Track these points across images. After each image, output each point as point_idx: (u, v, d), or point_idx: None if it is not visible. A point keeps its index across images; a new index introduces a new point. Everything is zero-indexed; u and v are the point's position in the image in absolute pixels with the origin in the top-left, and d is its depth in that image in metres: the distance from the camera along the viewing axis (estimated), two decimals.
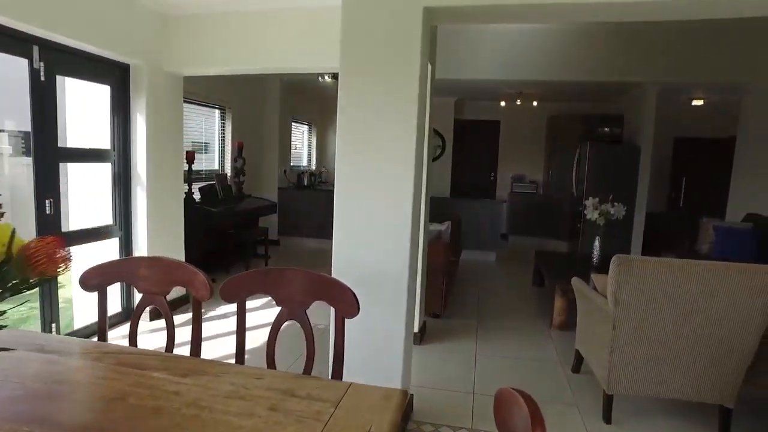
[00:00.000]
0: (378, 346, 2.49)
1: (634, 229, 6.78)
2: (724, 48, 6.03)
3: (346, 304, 1.55)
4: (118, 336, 3.64)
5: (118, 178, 3.83)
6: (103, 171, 3.78)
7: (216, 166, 6.47)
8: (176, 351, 1.62)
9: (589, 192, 6.72)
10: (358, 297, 1.55)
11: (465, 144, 9.30)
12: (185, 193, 4.99)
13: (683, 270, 2.41)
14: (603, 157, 6.76)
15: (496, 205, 6.74)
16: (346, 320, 1.56)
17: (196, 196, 5.37)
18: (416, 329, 3.69)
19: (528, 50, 6.45)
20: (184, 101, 4.45)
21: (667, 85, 6.34)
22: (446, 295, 4.27)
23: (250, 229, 6.03)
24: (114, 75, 3.70)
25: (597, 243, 4.65)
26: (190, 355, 1.63)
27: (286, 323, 1.60)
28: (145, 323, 3.84)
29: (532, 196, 8.52)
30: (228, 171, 6.56)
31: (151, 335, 3.67)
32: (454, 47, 6.57)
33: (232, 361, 1.60)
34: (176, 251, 4.33)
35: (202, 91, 5.76)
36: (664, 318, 2.48)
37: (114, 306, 3.88)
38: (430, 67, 3.34)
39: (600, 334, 2.73)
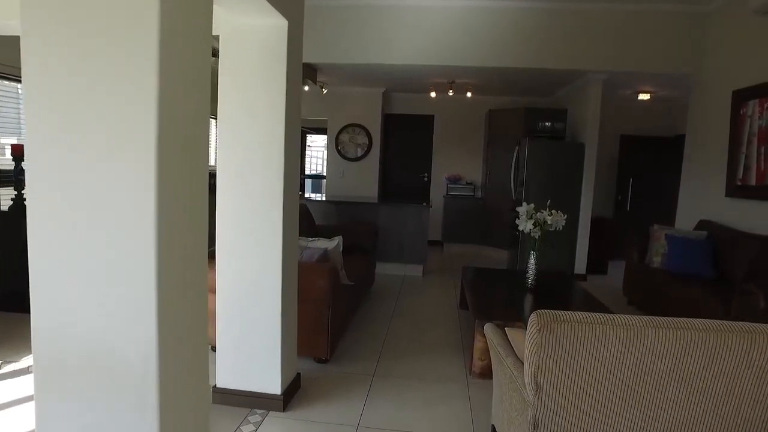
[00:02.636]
0: None
1: (579, 239, 5.95)
2: (672, 37, 5.32)
3: None
4: None
5: None
6: None
7: None
8: None
9: (530, 195, 5.85)
10: None
11: (395, 141, 8.31)
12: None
13: (646, 336, 1.44)
14: (544, 155, 5.90)
15: (424, 210, 5.75)
16: None
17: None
18: (280, 389, 2.61)
19: (457, 33, 5.54)
20: None
21: (613, 74, 5.55)
22: (335, 333, 3.20)
23: None
24: None
25: (532, 260, 3.71)
26: None
27: None
28: None
29: (469, 199, 7.61)
30: None
31: None
32: (376, 29, 5.59)
33: None
34: None
35: None
36: (617, 415, 1.50)
37: None
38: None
39: (519, 423, 1.73)
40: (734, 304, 3.34)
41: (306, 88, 7.06)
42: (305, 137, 10.35)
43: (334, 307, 3.07)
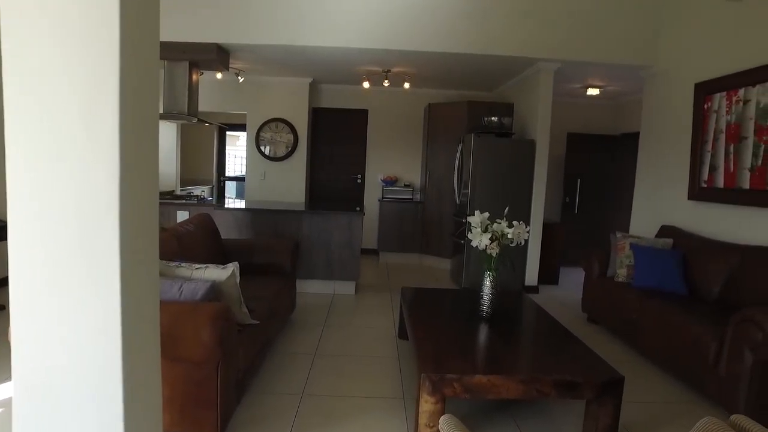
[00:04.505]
0: None
1: (529, 247, 5.35)
2: (629, 24, 4.83)
3: None
4: None
5: None
6: None
7: None
8: None
9: (476, 198, 5.17)
10: None
11: (324, 139, 7.43)
12: None
13: None
14: (491, 153, 5.25)
15: (355, 218, 4.93)
16: None
17: None
18: None
19: (394, 12, 4.78)
20: None
21: (565, 64, 4.99)
22: (228, 400, 2.30)
23: None
24: None
25: (488, 283, 2.97)
26: None
27: None
28: None
29: (408, 203, 6.87)
30: None
31: None
32: (298, 4, 4.74)
33: None
34: None
35: None
36: None
37: None
38: None
39: None
40: (729, 333, 2.76)
41: (219, 75, 6.05)
42: (224, 134, 9.23)
43: (226, 363, 2.16)
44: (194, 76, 5.17)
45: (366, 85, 6.37)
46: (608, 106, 7.14)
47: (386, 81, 6.13)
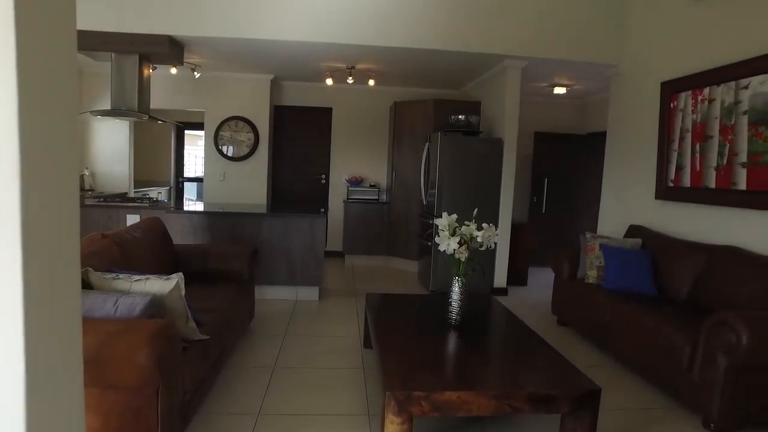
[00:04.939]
0: None
1: (499, 248, 5.24)
2: (594, 25, 4.78)
3: None
4: None
5: None
6: None
7: None
8: None
9: (443, 198, 5.03)
10: None
11: (287, 138, 7.18)
12: None
13: None
14: (458, 152, 5.12)
15: (318, 220, 4.71)
16: None
17: None
18: None
19: (359, 5, 4.57)
20: None
21: (533, 62, 4.91)
22: (170, 428, 2.05)
23: None
24: None
25: (457, 289, 2.82)
26: None
27: None
28: None
29: (374, 204, 6.68)
30: None
31: None
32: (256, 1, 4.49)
33: None
34: None
35: None
36: None
37: None
38: None
39: None
40: (703, 337, 2.69)
41: (173, 71, 5.72)
42: (182, 133, 8.84)
43: (168, 387, 1.92)
44: (145, 71, 4.84)
45: (329, 82, 6.15)
46: (575, 106, 7.13)
47: (350, 78, 5.93)
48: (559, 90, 6.04)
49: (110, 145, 6.52)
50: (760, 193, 3.34)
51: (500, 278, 5.29)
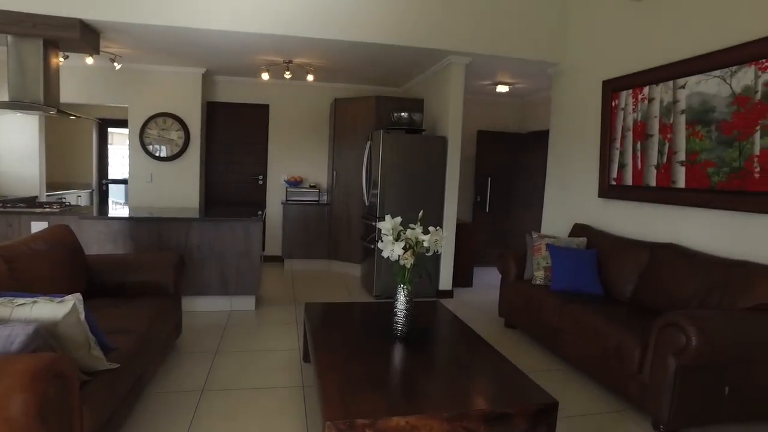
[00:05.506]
0: None
1: (444, 249, 5.09)
2: (537, 23, 4.74)
3: None
4: None
5: None
6: None
7: None
8: None
9: (386, 199, 4.84)
10: None
11: (221, 137, 6.75)
12: None
13: None
14: (401, 151, 4.94)
15: (253, 225, 4.37)
16: None
17: None
18: None
19: None
20: None
21: (477, 58, 4.80)
22: None
23: None
24: None
25: (402, 297, 2.61)
26: None
27: None
28: None
29: (314, 205, 6.39)
30: None
31: None
32: None
33: None
34: None
35: None
36: None
37: None
38: None
39: None
40: (653, 338, 2.62)
41: (89, 60, 5.18)
42: (105, 131, 8.14)
43: None
44: (53, 59, 4.31)
45: (266, 76, 5.80)
46: (517, 104, 7.15)
47: (288, 73, 5.61)
48: (502, 88, 6.00)
49: (16, 143, 5.82)
50: (697, 191, 3.37)
51: (445, 280, 5.16)
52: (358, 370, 2.24)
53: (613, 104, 4.12)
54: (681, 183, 3.48)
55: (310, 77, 5.84)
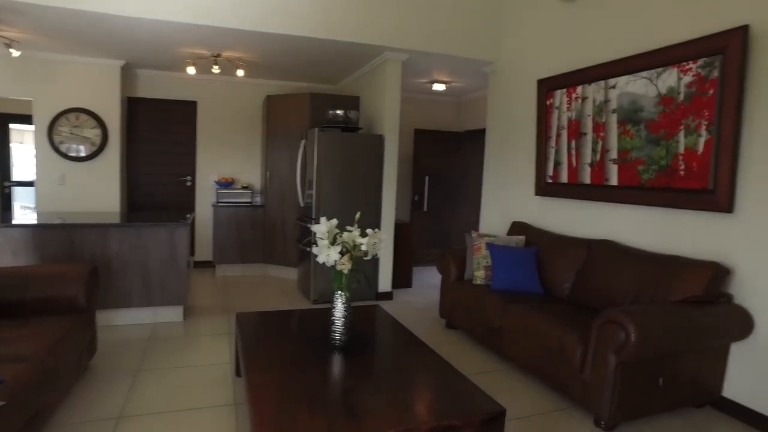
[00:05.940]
0: None
1: (382, 250, 4.97)
2: (473, 21, 4.73)
3: None
4: None
5: None
6: None
7: None
8: None
9: (322, 200, 4.65)
10: None
11: (144, 135, 6.28)
12: None
13: None
14: (337, 149, 4.76)
15: (179, 229, 4.05)
16: None
17: None
18: None
19: None
20: None
21: (414, 55, 4.71)
22: None
23: None
24: None
25: (339, 305, 2.45)
26: None
27: None
28: None
29: (247, 207, 6.07)
30: None
31: None
32: None
33: None
34: None
35: None
36: None
37: None
38: None
39: None
40: (593, 336, 2.62)
41: None
42: (6, 126, 7.35)
43: None
44: None
45: (192, 71, 5.43)
46: (453, 103, 7.17)
47: (216, 67, 5.28)
48: (439, 86, 5.97)
49: None
50: (629, 189, 3.44)
51: (385, 282, 5.04)
52: (294, 387, 2.06)
53: (548, 103, 4.16)
54: (614, 180, 3.55)
55: (240, 72, 5.54)
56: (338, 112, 4.87)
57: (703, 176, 2.96)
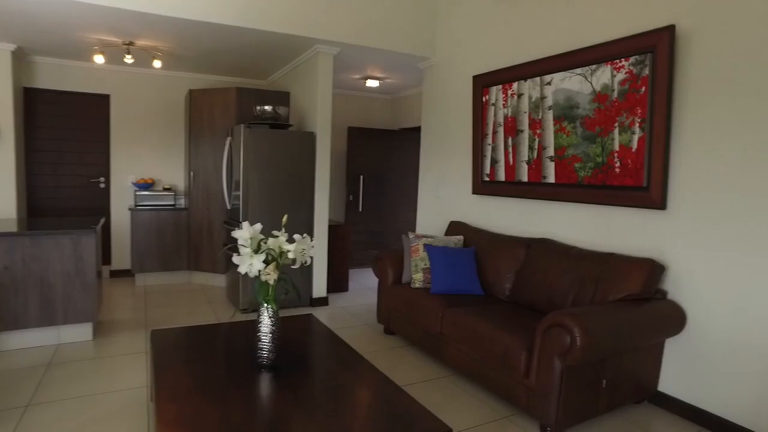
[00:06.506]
0: None
1: (317, 253, 4.72)
2: (407, 16, 4.57)
3: None
4: None
5: None
6: None
7: None
8: None
9: (250, 201, 4.33)
10: None
11: (49, 132, 5.63)
12: None
13: None
14: (266, 147, 4.45)
15: (85, 237, 3.58)
16: None
17: None
18: None
19: None
20: None
21: (346, 49, 4.49)
22: None
23: None
24: None
25: (266, 319, 2.18)
26: None
27: None
28: None
29: (169, 210, 5.59)
30: None
31: None
32: None
33: None
34: None
35: None
36: None
37: None
38: None
39: None
40: (538, 341, 2.52)
41: None
42: None
43: None
44: None
45: (100, 59, 4.90)
46: (388, 100, 7.01)
47: (129, 56, 4.79)
48: (372, 83, 5.78)
49: None
50: (567, 186, 3.41)
51: (320, 287, 4.78)
52: (215, 420, 1.77)
53: (484, 100, 4.08)
54: (551, 178, 3.50)
55: (157, 63, 5.06)
56: (266, 107, 4.55)
57: (637, 173, 2.96)
